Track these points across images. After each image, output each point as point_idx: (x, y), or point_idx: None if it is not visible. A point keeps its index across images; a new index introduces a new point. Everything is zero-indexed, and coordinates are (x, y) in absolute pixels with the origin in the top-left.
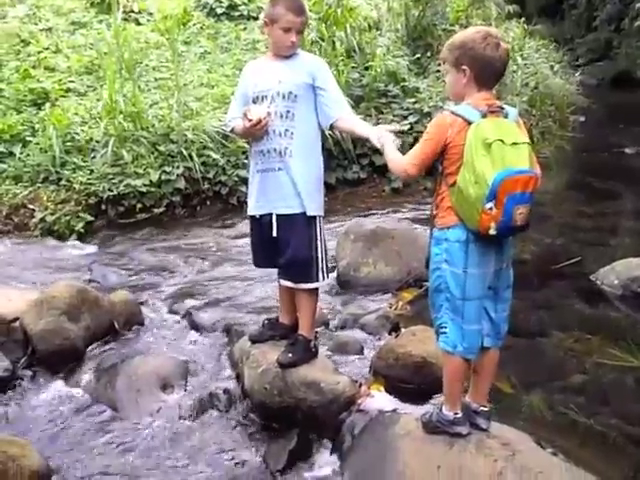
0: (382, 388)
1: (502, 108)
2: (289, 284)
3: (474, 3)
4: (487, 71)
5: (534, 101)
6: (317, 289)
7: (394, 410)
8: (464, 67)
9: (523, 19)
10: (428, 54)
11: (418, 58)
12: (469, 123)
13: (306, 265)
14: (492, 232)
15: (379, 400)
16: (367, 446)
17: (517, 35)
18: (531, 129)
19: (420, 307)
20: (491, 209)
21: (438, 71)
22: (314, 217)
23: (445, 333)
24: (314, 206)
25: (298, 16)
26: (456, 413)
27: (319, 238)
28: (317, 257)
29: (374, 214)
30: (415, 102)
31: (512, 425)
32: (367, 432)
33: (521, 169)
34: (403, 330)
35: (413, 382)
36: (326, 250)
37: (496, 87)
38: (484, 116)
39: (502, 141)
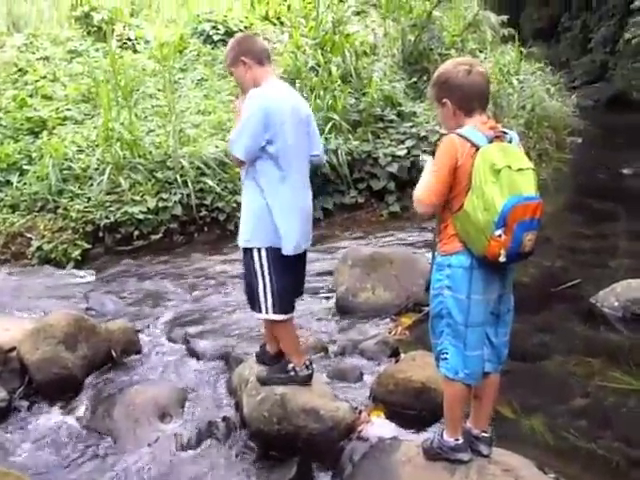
0: (382, 414)
1: (505, 133)
2: None
3: (469, 27)
4: (466, 97)
5: (531, 123)
6: (286, 319)
7: (394, 437)
8: (444, 100)
9: (518, 42)
10: (424, 78)
11: (415, 82)
12: (477, 148)
13: (249, 296)
14: (502, 259)
15: (379, 427)
16: (368, 473)
17: (513, 58)
18: (529, 151)
19: (420, 332)
20: (500, 236)
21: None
22: (249, 249)
23: (446, 359)
24: (244, 237)
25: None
26: (457, 439)
27: (257, 270)
28: (257, 289)
29: (372, 239)
30: (412, 126)
31: (514, 450)
32: (368, 459)
33: (529, 196)
34: (403, 355)
35: (413, 408)
36: (271, 285)
37: (492, 110)
38: (491, 141)
39: (509, 167)
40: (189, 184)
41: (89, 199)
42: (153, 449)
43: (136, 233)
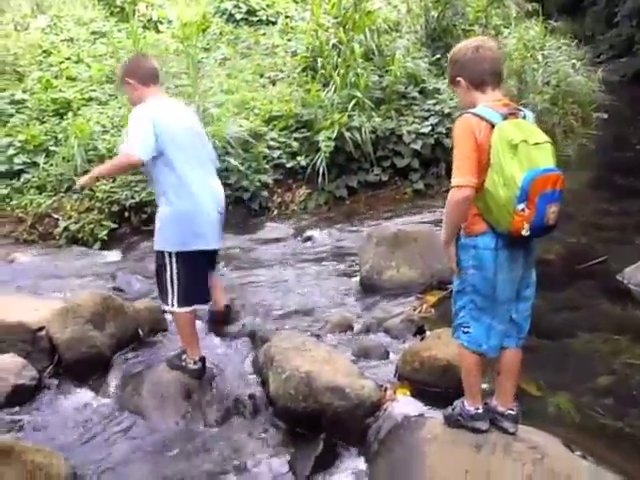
0: (408, 392)
1: (519, 110)
2: None
3: (493, 2)
4: (476, 74)
5: (556, 99)
6: (188, 315)
7: (420, 414)
8: (458, 79)
9: (543, 17)
10: (448, 55)
11: (438, 59)
12: (492, 125)
13: (159, 289)
14: (525, 233)
15: (404, 404)
16: (393, 451)
17: (537, 33)
18: (554, 127)
19: (444, 310)
20: (523, 210)
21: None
22: (160, 252)
23: (468, 332)
24: (155, 241)
25: None
26: (477, 408)
27: (165, 267)
28: (165, 284)
29: (397, 217)
30: (435, 103)
31: (540, 428)
32: (393, 437)
33: (548, 167)
34: (428, 333)
35: (439, 386)
36: (178, 281)
37: (517, 86)
38: (505, 118)
39: (526, 141)
40: None
41: (114, 179)
42: (180, 427)
43: None
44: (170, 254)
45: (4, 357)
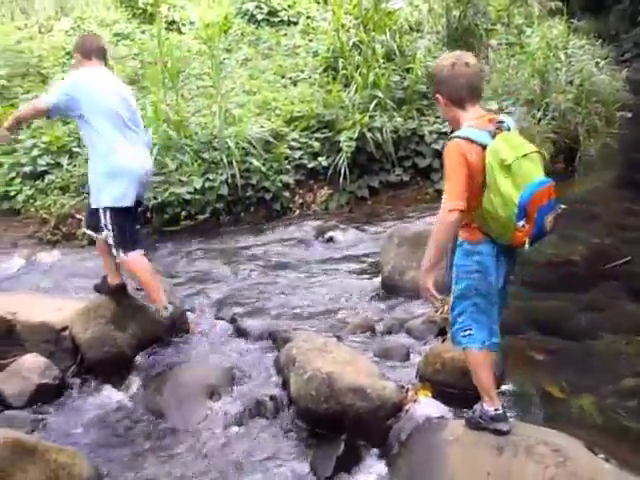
0: (429, 393)
1: (502, 121)
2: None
3: (516, 1)
4: (454, 90)
5: (579, 99)
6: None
7: (442, 416)
8: (437, 95)
9: (566, 16)
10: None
11: None
12: (483, 146)
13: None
14: (526, 246)
15: (426, 406)
16: (415, 452)
17: (560, 32)
18: (577, 127)
19: None
20: (524, 226)
21: (481, 71)
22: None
23: (470, 335)
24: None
25: None
26: (496, 409)
27: (104, 223)
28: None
29: (418, 217)
30: None
31: (563, 430)
32: (415, 438)
33: (541, 180)
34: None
35: (460, 387)
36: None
37: (539, 85)
38: (493, 136)
39: (517, 157)
40: (235, 164)
41: None
42: (202, 427)
43: (183, 213)
44: (105, 209)
45: (28, 357)
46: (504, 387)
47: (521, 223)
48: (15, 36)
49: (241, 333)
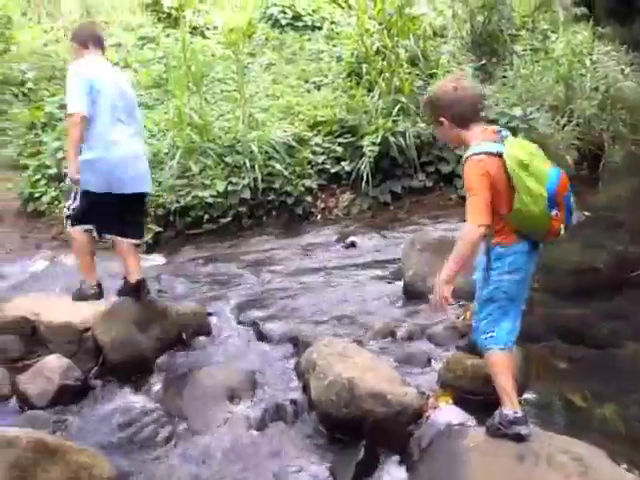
0: (450, 400)
1: (501, 130)
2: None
3: (540, 7)
4: (458, 112)
5: (604, 105)
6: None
7: (463, 423)
8: (441, 119)
9: (592, 22)
10: (494, 60)
11: (484, 64)
12: (499, 155)
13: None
14: (562, 232)
15: (447, 413)
16: (435, 459)
17: (585, 38)
18: (601, 134)
19: None
20: (557, 214)
21: (504, 77)
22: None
23: (493, 336)
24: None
25: None
26: (516, 412)
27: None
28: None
29: (441, 223)
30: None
31: (584, 439)
32: (435, 445)
33: (556, 171)
34: None
35: (482, 394)
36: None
37: (564, 92)
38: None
39: (530, 154)
40: (257, 168)
41: (160, 183)
42: (222, 430)
43: (206, 217)
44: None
45: (50, 357)
46: (526, 395)
47: (554, 212)
48: (42, 39)
49: (262, 337)
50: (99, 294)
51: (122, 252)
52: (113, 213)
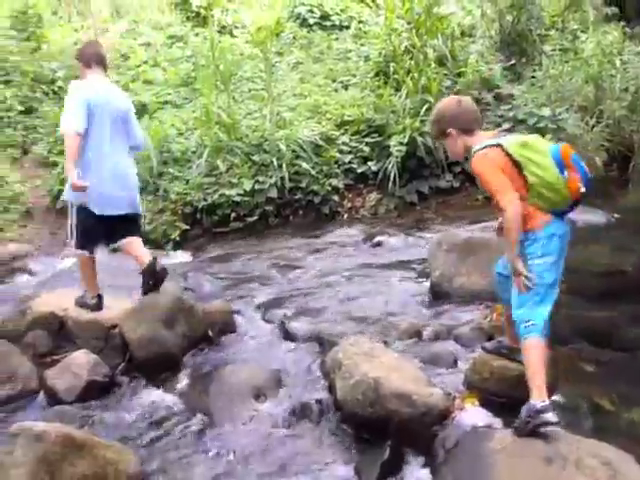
0: (476, 401)
1: (500, 131)
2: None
3: (570, 6)
4: (466, 122)
5: (634, 106)
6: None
7: (489, 425)
8: (449, 131)
9: (622, 22)
10: (523, 60)
11: (513, 64)
12: (501, 146)
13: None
14: (582, 190)
15: (473, 414)
16: (460, 461)
17: (615, 38)
18: (631, 135)
19: None
20: (570, 176)
21: (533, 77)
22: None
23: (534, 324)
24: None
25: None
26: (543, 400)
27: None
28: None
29: (468, 223)
30: (509, 109)
31: (613, 443)
32: (460, 447)
33: (553, 144)
34: None
35: (509, 396)
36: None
37: (593, 92)
38: None
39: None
40: (284, 167)
41: (187, 181)
42: (248, 428)
43: (233, 215)
44: (72, 204)
45: (78, 354)
46: (554, 397)
47: (565, 174)
48: (72, 38)
49: (288, 336)
50: (98, 305)
51: (124, 251)
52: (101, 231)
